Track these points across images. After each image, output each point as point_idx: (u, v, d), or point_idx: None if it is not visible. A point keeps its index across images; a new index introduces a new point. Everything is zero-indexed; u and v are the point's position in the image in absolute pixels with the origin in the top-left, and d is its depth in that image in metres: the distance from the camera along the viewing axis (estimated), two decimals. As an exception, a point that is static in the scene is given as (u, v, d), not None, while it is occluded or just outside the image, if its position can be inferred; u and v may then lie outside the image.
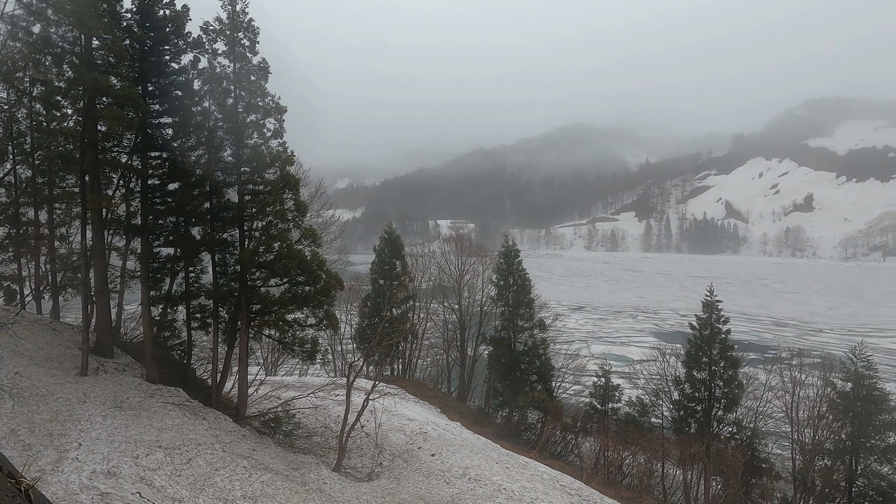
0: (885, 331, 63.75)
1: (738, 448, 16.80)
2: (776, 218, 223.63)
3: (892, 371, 43.48)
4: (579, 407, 25.02)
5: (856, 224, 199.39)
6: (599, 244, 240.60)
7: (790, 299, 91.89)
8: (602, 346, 51.36)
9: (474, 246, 32.24)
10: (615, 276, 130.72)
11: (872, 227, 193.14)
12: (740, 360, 18.78)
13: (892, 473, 13.77)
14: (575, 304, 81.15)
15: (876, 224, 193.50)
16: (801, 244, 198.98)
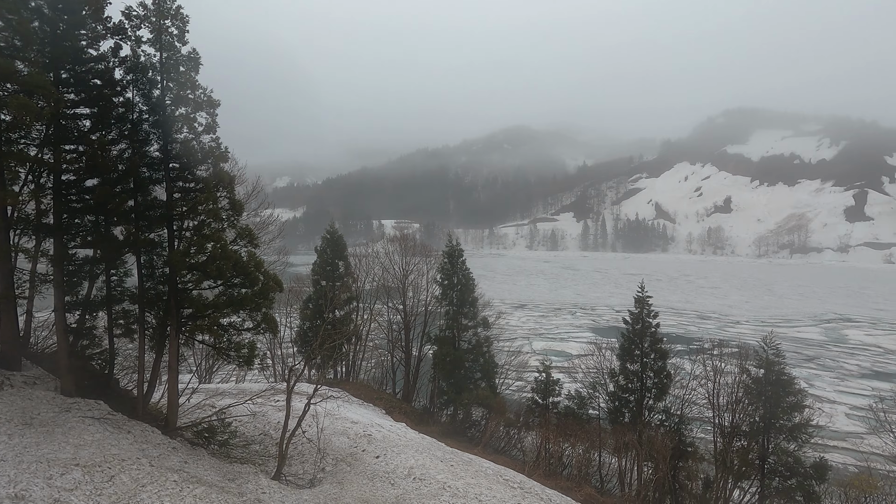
0: (792, 321, 70.35)
1: (667, 434, 17.92)
2: (700, 219, 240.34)
3: (798, 357, 48.06)
4: (522, 402, 25.68)
5: (767, 224, 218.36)
6: (540, 244, 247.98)
7: (712, 294, 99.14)
8: (543, 342, 53.01)
9: (419, 246, 32.20)
10: (555, 275, 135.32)
11: (781, 227, 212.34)
12: (668, 352, 20.01)
13: (798, 449, 15.23)
14: (517, 302, 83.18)
15: (784, 224, 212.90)
16: (721, 243, 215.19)
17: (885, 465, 19.18)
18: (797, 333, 61.38)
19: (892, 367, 44.58)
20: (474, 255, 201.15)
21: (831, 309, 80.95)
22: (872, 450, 23.62)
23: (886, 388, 35.34)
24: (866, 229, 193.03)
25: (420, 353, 27.97)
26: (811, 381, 39.93)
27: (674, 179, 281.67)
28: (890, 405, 20.43)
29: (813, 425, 16.65)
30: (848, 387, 39.51)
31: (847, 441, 28.64)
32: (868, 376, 42.72)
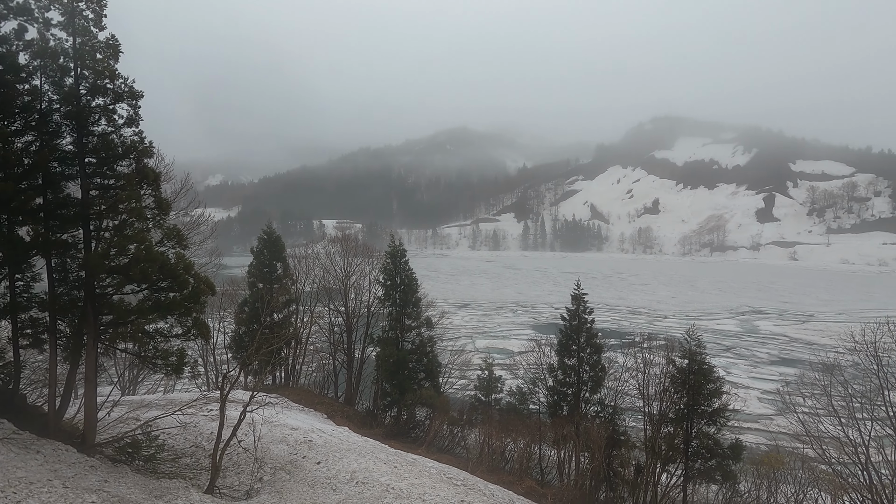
0: (712, 314, 76.04)
1: (602, 424, 18.79)
2: (631, 219, 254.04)
3: (717, 347, 52.00)
4: (465, 400, 25.99)
5: (690, 225, 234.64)
6: (483, 243, 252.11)
7: (642, 290, 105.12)
8: (486, 340, 53.91)
9: (361, 246, 31.75)
10: (497, 274, 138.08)
11: (703, 227, 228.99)
12: (603, 346, 21.00)
13: (717, 433, 16.51)
14: (461, 301, 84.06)
15: (705, 225, 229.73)
16: (651, 242, 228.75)
17: (791, 443, 21.19)
18: (716, 325, 66.40)
19: (797, 354, 49.23)
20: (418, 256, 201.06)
21: (745, 302, 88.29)
22: (780, 429, 26.01)
23: (791, 372, 39.05)
24: (774, 229, 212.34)
25: (363, 356, 27.58)
26: (728, 369, 43.30)
27: (607, 182, 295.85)
28: (794, 388, 22.56)
29: (730, 409, 18.08)
30: (759, 373, 43.23)
31: (759, 422, 31.33)
32: (776, 363, 46.96)
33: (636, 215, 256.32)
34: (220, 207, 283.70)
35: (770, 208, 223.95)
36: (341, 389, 27.94)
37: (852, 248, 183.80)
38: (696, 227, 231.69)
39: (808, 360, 37.18)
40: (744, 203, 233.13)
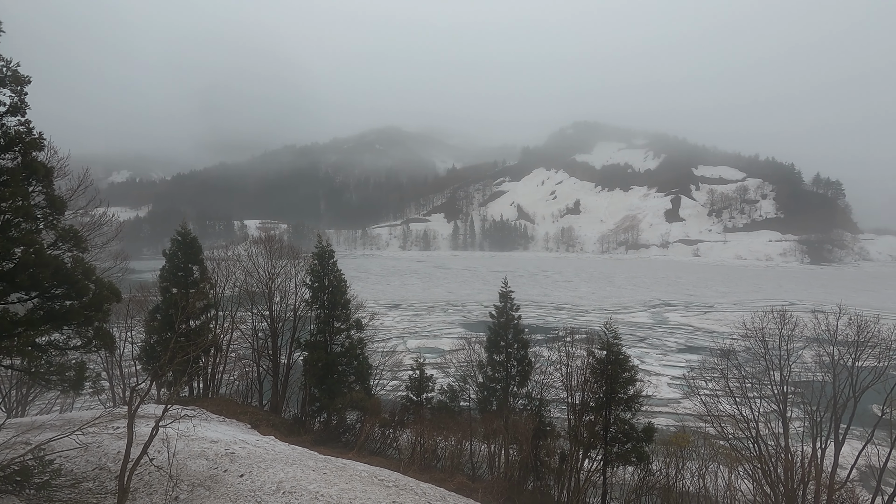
0: (627, 307, 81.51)
1: (529, 417, 19.52)
2: (555, 220, 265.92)
3: (632, 338, 55.87)
4: (397, 401, 25.85)
5: (608, 225, 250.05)
6: (413, 244, 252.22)
7: (565, 287, 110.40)
8: (418, 340, 53.99)
9: (286, 247, 30.52)
10: (428, 274, 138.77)
11: (619, 226, 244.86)
12: (529, 342, 21.80)
13: (632, 418, 17.77)
14: (392, 302, 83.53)
15: (621, 224, 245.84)
16: (573, 241, 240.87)
17: (695, 423, 23.28)
18: (631, 318, 71.27)
19: (700, 342, 54.02)
20: (347, 256, 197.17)
21: (656, 296, 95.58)
22: (686, 411, 28.46)
23: (695, 359, 42.80)
24: (680, 228, 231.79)
25: (290, 361, 26.55)
26: (642, 358, 46.65)
27: (533, 183, 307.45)
28: (697, 374, 24.76)
29: (644, 396, 19.51)
30: (669, 361, 46.99)
31: (669, 406, 34.02)
32: (683, 351, 51.29)
33: (559, 215, 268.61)
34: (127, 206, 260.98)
35: (677, 209, 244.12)
36: (267, 397, 26.73)
37: (744, 245, 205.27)
38: (613, 226, 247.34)
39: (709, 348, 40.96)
40: (654, 204, 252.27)
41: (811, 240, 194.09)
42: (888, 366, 18.45)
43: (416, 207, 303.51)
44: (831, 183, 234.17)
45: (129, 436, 10.58)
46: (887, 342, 18.63)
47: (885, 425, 18.05)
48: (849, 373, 17.67)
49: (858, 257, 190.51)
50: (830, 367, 18.20)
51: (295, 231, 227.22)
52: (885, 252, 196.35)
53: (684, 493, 17.06)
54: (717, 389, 20.54)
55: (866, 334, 18.96)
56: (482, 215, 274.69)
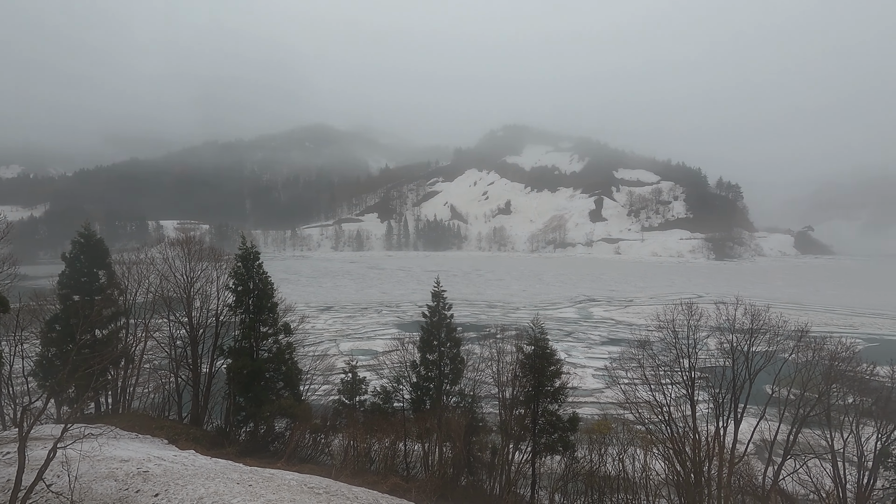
0: (555, 303, 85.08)
1: (462, 414, 19.82)
2: (487, 219, 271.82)
3: (559, 333, 58.44)
4: (329, 406, 25.23)
5: (537, 224, 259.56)
6: (346, 244, 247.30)
7: (498, 285, 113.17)
8: (351, 342, 53.01)
9: (207, 249, 28.76)
10: (361, 275, 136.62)
11: (547, 226, 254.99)
12: (462, 340, 22.12)
13: (558, 409, 18.61)
14: (324, 304, 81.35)
15: (549, 224, 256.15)
16: (504, 241, 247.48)
17: (616, 411, 24.76)
18: (559, 314, 74.48)
19: (621, 335, 57.53)
20: (276, 258, 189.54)
21: (581, 292, 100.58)
22: (608, 400, 30.23)
23: (616, 350, 45.53)
24: (603, 228, 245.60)
25: (212, 369, 25.06)
26: (569, 352, 48.93)
27: (465, 184, 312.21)
28: (618, 364, 26.37)
29: (569, 387, 20.48)
30: (593, 353, 49.63)
31: (593, 396, 35.93)
32: (606, 343, 54.37)
33: (491, 216, 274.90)
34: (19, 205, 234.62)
35: (600, 210, 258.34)
36: (187, 409, 25.07)
37: (659, 243, 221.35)
38: (542, 226, 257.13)
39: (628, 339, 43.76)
40: (579, 205, 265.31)
41: (715, 238, 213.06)
42: (777, 350, 20.71)
43: (349, 207, 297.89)
44: (732, 186, 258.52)
45: (21, 460, 9.52)
46: (775, 329, 20.89)
47: (775, 403, 20.25)
48: (745, 357, 19.63)
49: (754, 253, 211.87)
50: (730, 353, 20.10)
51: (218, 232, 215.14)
52: (776, 248, 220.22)
53: (606, 477, 18.11)
54: (635, 378, 21.96)
55: (759, 322, 21.18)
56: (416, 215, 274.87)
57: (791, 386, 19.64)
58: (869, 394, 18.58)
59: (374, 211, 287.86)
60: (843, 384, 18.99)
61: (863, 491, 16.57)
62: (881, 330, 62.98)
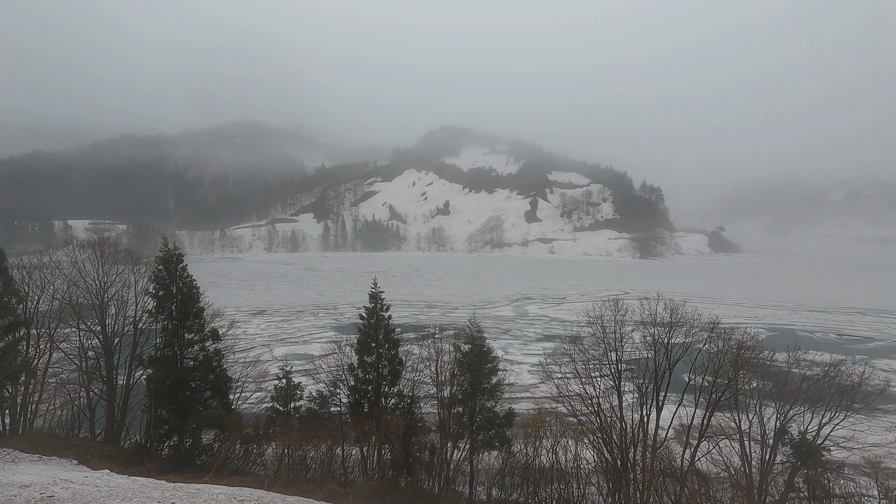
0: (493, 302, 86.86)
1: (401, 415, 19.71)
2: (426, 220, 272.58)
3: (497, 331, 59.72)
4: (262, 414, 24.23)
5: (475, 225, 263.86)
6: (280, 245, 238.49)
7: (437, 285, 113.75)
8: (285, 347, 51.18)
9: (124, 252, 26.63)
10: (297, 277, 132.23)
11: (485, 226, 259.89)
12: (400, 341, 22.01)
13: (495, 406, 19.03)
14: (256, 308, 77.91)
15: (487, 224, 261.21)
16: (443, 241, 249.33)
17: (550, 405, 25.69)
18: (497, 312, 76.11)
19: (555, 331, 59.73)
20: (203, 260, 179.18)
21: (518, 290, 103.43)
22: (543, 394, 31.35)
23: (551, 346, 47.25)
24: (538, 228, 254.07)
25: (129, 382, 23.23)
26: (506, 349, 50.15)
27: (404, 184, 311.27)
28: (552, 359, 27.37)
29: (506, 384, 20.99)
30: (529, 350, 51.16)
31: (529, 391, 37.07)
32: (541, 340, 56.24)
33: (430, 216, 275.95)
34: None
35: (535, 211, 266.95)
36: (100, 426, 23.09)
37: (590, 242, 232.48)
38: (480, 226, 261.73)
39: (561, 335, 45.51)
40: (516, 206, 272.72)
41: (640, 237, 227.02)
42: (692, 341, 22.42)
43: (283, 207, 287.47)
44: (654, 189, 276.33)
45: None
46: (691, 321, 22.61)
47: (692, 390, 21.89)
48: (665, 349, 21.07)
49: (674, 252, 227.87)
50: (652, 346, 21.48)
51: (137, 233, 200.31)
52: (693, 247, 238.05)
53: (541, 469, 18.75)
54: (567, 372, 22.92)
55: (677, 316, 22.83)
56: (354, 215, 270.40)
57: (705, 374, 21.30)
58: (770, 378, 20.55)
59: (309, 211, 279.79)
60: (748, 370, 20.87)
61: (765, 466, 18.31)
62: (780, 320, 69.95)
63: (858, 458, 19.73)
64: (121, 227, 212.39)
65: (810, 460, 17.49)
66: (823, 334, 60.83)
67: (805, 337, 57.72)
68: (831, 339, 57.62)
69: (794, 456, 18.01)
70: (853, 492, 17.81)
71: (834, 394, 18.45)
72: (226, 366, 23.32)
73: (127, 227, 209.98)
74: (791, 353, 21.05)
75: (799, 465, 17.79)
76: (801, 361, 20.59)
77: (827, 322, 69.04)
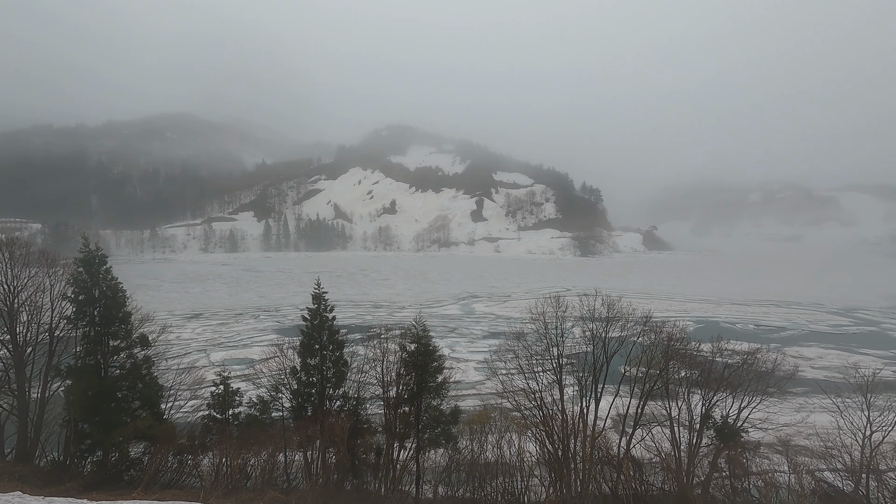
0: (440, 301, 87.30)
1: (346, 417, 19.38)
2: (372, 219, 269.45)
3: (444, 329, 60.11)
4: (197, 423, 23.02)
5: (422, 224, 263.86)
6: (218, 245, 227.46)
7: (383, 285, 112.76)
8: (223, 351, 48.91)
9: (38, 252, 24.40)
10: (236, 278, 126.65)
11: (432, 225, 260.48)
12: (345, 342, 21.62)
13: (440, 404, 19.15)
14: (191, 311, 73.89)
15: (434, 224, 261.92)
16: (390, 240, 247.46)
17: (495, 400, 26.19)
18: (444, 311, 76.56)
19: (500, 328, 60.91)
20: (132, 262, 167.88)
21: (465, 289, 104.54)
22: (488, 391, 31.89)
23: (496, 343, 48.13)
24: (484, 227, 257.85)
25: (45, 394, 21.35)
26: (453, 347, 50.57)
27: (349, 182, 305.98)
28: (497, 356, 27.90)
29: (452, 381, 21.18)
30: (475, 347, 51.87)
31: (476, 388, 37.58)
32: (487, 337, 57.18)
33: (377, 215, 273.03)
34: None
35: (481, 210, 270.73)
36: (11, 444, 21.06)
37: (534, 241, 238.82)
38: (427, 225, 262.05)
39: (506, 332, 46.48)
40: (462, 205, 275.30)
41: (581, 236, 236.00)
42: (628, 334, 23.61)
43: (221, 205, 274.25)
44: (594, 190, 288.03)
45: None
46: (627, 316, 23.81)
47: (627, 381, 23.06)
48: (603, 343, 22.07)
49: (612, 250, 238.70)
50: (591, 340, 22.43)
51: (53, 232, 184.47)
52: (629, 245, 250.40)
53: (486, 464, 19.06)
54: (511, 368, 23.46)
55: (614, 311, 23.97)
56: (297, 214, 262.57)
57: (639, 365, 22.50)
58: (696, 367, 22.03)
59: (249, 209, 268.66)
60: (678, 361, 22.26)
61: (693, 449, 19.61)
62: (706, 313, 75.12)
63: (772, 437, 21.54)
64: (34, 225, 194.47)
65: (731, 442, 18.91)
66: (743, 325, 65.97)
67: (727, 328, 62.39)
68: (750, 330, 62.56)
69: (717, 438, 19.40)
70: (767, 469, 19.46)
71: (751, 380, 20.08)
72: (157, 373, 21.99)
73: (42, 227, 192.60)
74: (715, 344, 22.70)
75: (722, 446, 19.19)
76: (723, 351, 22.24)
77: (746, 314, 74.91)
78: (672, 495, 17.58)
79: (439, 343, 23.10)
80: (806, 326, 65.81)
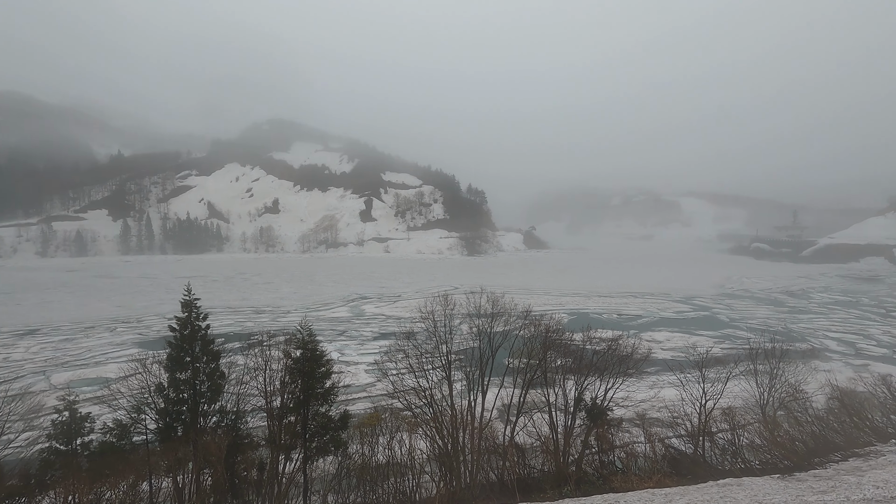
0: (329, 304, 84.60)
1: (224, 434, 17.86)
2: (252, 219, 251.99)
3: (333, 332, 58.36)
4: (34, 458, 19.51)
5: (308, 224, 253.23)
6: (60, 248, 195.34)
7: (266, 289, 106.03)
8: (69, 372, 42.11)
9: None
10: (86, 286, 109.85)
11: (319, 225, 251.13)
12: (221, 352, 19.90)
13: (329, 410, 18.54)
14: (23, 326, 62.47)
15: (321, 224, 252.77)
16: (273, 241, 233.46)
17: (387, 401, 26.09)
18: (332, 314, 74.28)
19: (391, 329, 60.73)
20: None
21: (354, 290, 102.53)
22: (379, 392, 31.64)
23: (387, 344, 47.97)
24: (374, 227, 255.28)
25: None
26: (343, 351, 49.29)
27: (226, 179, 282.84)
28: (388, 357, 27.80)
29: (342, 386, 20.60)
30: (366, 349, 51.12)
31: (367, 391, 37.03)
32: (378, 338, 56.69)
33: (257, 214, 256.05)
34: None
35: (370, 210, 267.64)
36: None
37: (423, 241, 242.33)
38: (314, 225, 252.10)
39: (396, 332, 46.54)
40: (350, 205, 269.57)
41: (467, 236, 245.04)
42: (511, 328, 25.08)
43: (64, 202, 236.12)
44: (479, 192, 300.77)
45: None
46: (509, 311, 25.28)
47: (511, 372, 24.47)
48: (488, 337, 23.17)
49: (496, 249, 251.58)
50: (477, 335, 23.41)
51: None
52: (512, 245, 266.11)
53: (378, 467, 18.90)
54: (402, 368, 23.55)
55: (498, 307, 25.31)
56: (163, 213, 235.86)
57: (521, 356, 24.02)
58: (570, 355, 24.14)
59: (102, 207, 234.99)
60: (554, 350, 24.18)
61: (568, 430, 21.44)
62: (578, 305, 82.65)
63: (632, 413, 24.37)
64: None
65: (599, 420, 21.03)
66: (608, 315, 73.80)
67: (595, 318, 69.28)
68: (614, 319, 70.20)
69: (588, 419, 21.44)
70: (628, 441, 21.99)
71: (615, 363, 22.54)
72: (-25, 404, 18.21)
73: None
74: (585, 333, 25.07)
75: (592, 425, 21.25)
76: (592, 339, 24.67)
77: (611, 305, 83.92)
78: (550, 475, 19.03)
79: (328, 347, 22.39)
80: (657, 314, 75.67)
